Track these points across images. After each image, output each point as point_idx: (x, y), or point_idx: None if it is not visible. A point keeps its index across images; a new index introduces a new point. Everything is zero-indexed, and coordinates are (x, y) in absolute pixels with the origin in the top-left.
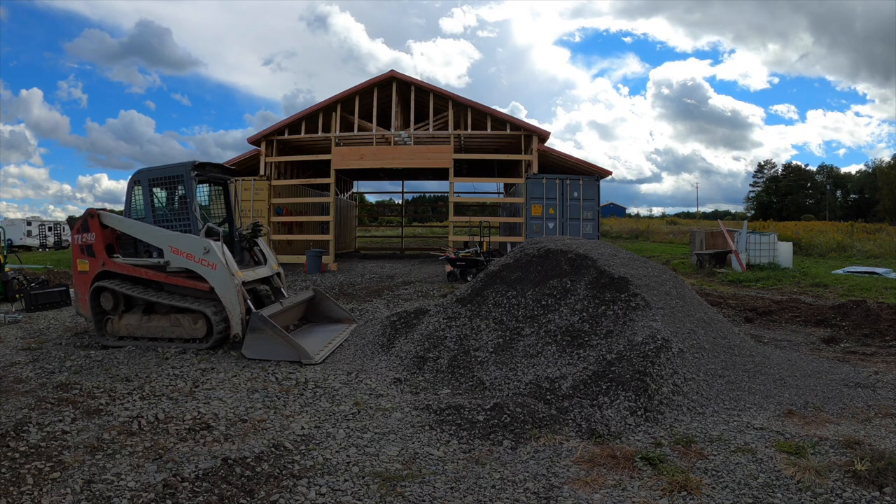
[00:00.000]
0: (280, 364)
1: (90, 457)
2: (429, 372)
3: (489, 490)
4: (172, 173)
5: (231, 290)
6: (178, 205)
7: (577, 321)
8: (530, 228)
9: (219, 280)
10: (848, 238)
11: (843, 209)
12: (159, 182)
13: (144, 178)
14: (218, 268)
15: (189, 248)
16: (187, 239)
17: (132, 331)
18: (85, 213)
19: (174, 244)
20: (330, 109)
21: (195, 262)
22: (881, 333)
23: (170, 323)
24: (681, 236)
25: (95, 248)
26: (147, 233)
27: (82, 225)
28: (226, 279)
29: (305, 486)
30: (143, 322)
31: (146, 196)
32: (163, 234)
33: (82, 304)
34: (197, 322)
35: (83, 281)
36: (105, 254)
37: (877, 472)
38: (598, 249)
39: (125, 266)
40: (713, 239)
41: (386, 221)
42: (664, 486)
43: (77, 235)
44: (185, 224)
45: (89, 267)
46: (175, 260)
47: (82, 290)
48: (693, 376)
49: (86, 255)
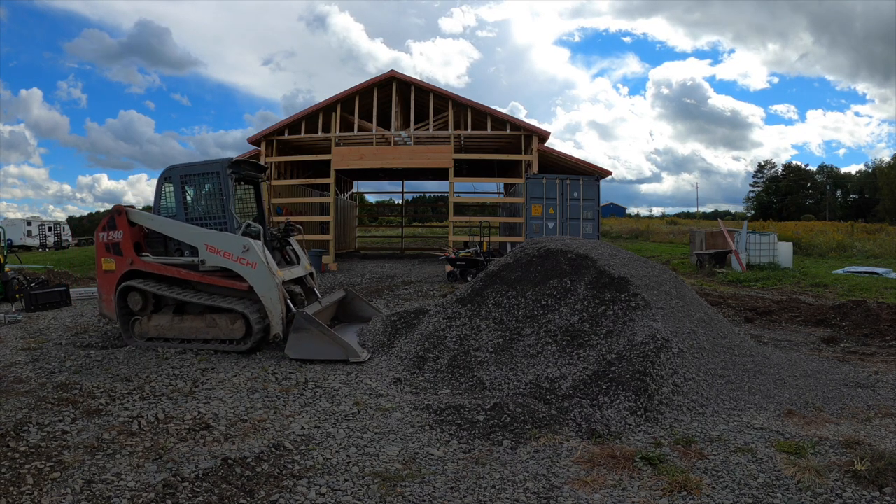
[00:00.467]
0: (280, 364)
1: (90, 457)
2: (429, 372)
3: (489, 490)
4: (207, 170)
5: (272, 290)
6: (211, 202)
7: (577, 321)
8: (530, 228)
9: (259, 279)
10: (848, 238)
11: (843, 209)
12: (192, 179)
13: (176, 175)
14: (258, 266)
15: (227, 247)
16: (225, 237)
17: (163, 332)
18: (112, 210)
19: (210, 242)
20: (330, 109)
21: (233, 261)
22: (881, 333)
23: (205, 324)
24: (681, 236)
25: (123, 246)
26: (180, 230)
27: (108, 222)
28: (266, 278)
29: (305, 486)
30: (174, 323)
31: (178, 193)
32: (198, 231)
33: (107, 304)
34: (235, 322)
35: (108, 281)
36: (133, 252)
37: (877, 472)
38: (598, 249)
39: (156, 265)
40: (713, 239)
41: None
42: (664, 486)
43: (102, 233)
44: (221, 222)
45: (115, 266)
46: (211, 258)
47: (107, 290)
48: (693, 376)
49: (112, 253)
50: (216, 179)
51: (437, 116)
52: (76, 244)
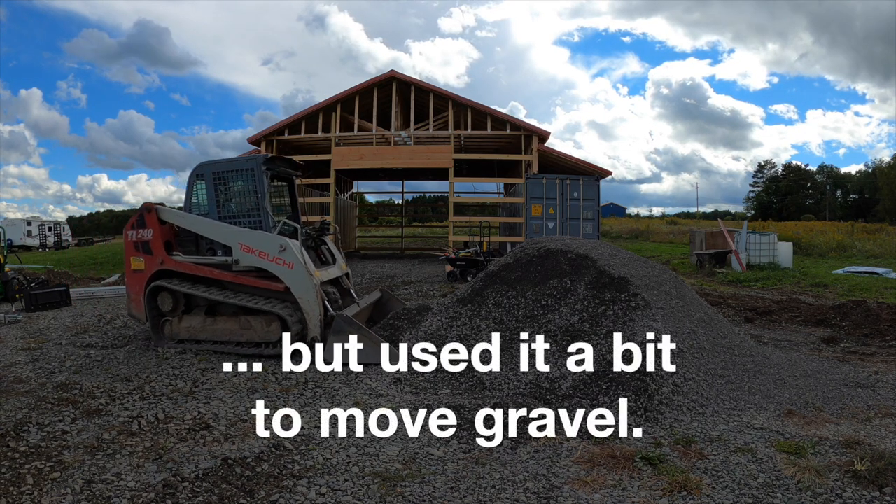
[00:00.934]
0: (280, 364)
1: (90, 457)
2: (429, 371)
3: (489, 490)
4: (240, 167)
5: (310, 291)
6: (245, 200)
7: (577, 321)
8: (530, 228)
9: (296, 280)
10: (848, 238)
11: (843, 209)
12: (225, 176)
13: (208, 172)
14: (295, 267)
15: (262, 246)
16: (261, 236)
17: (194, 333)
18: (141, 208)
19: (245, 241)
20: (330, 109)
21: (269, 261)
22: (881, 333)
23: (239, 325)
24: (681, 236)
25: (153, 245)
26: (213, 229)
27: (137, 220)
28: (304, 279)
29: (305, 486)
30: (207, 324)
31: (210, 190)
32: (231, 230)
33: (136, 304)
34: (270, 325)
35: (137, 280)
36: (164, 251)
37: (877, 472)
38: (598, 249)
39: (187, 264)
40: (713, 239)
41: (386, 221)
42: (664, 486)
43: (131, 231)
44: (255, 220)
45: (145, 265)
46: (245, 258)
47: (136, 289)
48: (693, 376)
49: (141, 252)
50: (251, 176)
51: (437, 116)
52: (76, 244)
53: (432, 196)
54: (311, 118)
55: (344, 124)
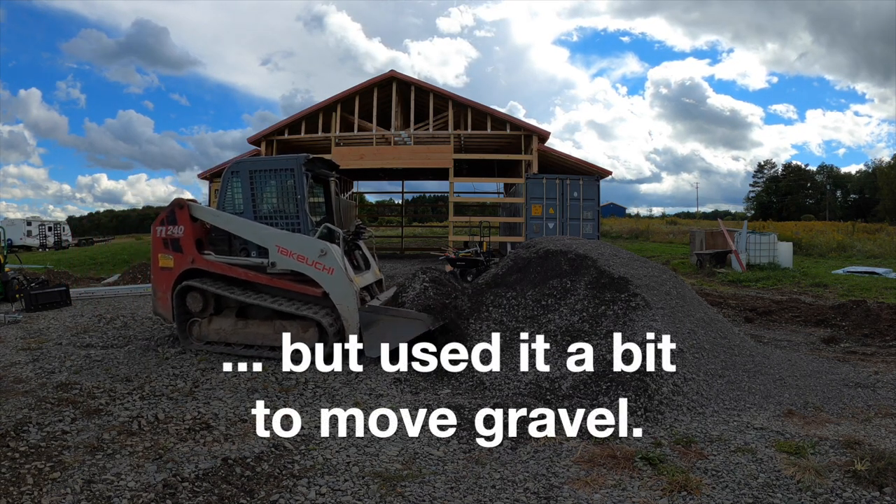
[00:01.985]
0: (280, 364)
1: (90, 457)
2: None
3: (489, 490)
4: (280, 166)
5: (350, 297)
6: (284, 201)
7: (577, 321)
8: (530, 228)
9: (335, 285)
10: (848, 238)
11: (843, 209)
12: (263, 175)
13: (245, 170)
14: (336, 272)
15: (302, 250)
16: (300, 239)
17: (225, 336)
18: (172, 204)
19: (283, 244)
20: (330, 109)
21: (308, 265)
22: (881, 333)
23: (273, 330)
24: (681, 236)
25: (183, 242)
26: (249, 230)
27: (168, 216)
28: (344, 285)
29: (305, 486)
30: (238, 327)
31: (246, 189)
32: (269, 231)
33: (162, 303)
34: (307, 330)
35: (165, 278)
36: (195, 249)
37: (877, 472)
38: (598, 249)
39: (220, 265)
40: (713, 239)
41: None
42: (664, 486)
43: (160, 227)
44: (293, 222)
45: (174, 263)
46: (283, 261)
47: (163, 287)
48: (693, 376)
49: (170, 249)
50: (290, 177)
51: (437, 116)
52: (76, 244)
53: (432, 196)
54: (311, 118)
55: (344, 124)
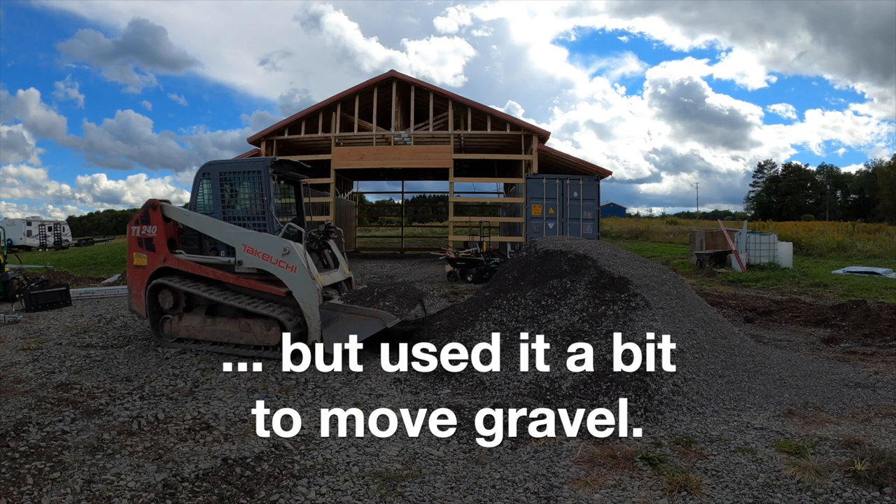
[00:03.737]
0: (280, 364)
1: (90, 457)
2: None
3: (489, 490)
4: (248, 168)
5: (312, 296)
6: (252, 202)
7: (577, 321)
8: (530, 228)
9: (298, 284)
10: (848, 238)
11: (843, 209)
12: (232, 176)
13: (215, 172)
14: (298, 271)
15: (266, 248)
16: (265, 238)
17: (194, 333)
18: (146, 204)
19: (249, 243)
20: (330, 109)
21: (272, 264)
22: (881, 333)
23: (238, 328)
24: (681, 236)
25: (156, 241)
26: (218, 229)
27: (142, 216)
28: (306, 283)
29: (305, 486)
30: (206, 324)
31: (216, 190)
32: (236, 231)
33: (137, 300)
34: (270, 329)
35: (139, 276)
36: (167, 249)
37: (877, 472)
38: (598, 249)
39: (189, 263)
40: (713, 239)
41: (386, 221)
42: (664, 486)
43: (135, 227)
44: (260, 222)
45: (147, 262)
46: (249, 260)
47: (137, 285)
48: (693, 376)
49: (144, 248)
50: (257, 178)
51: (437, 116)
52: (76, 244)
53: (432, 196)
54: (311, 118)
55: (344, 124)
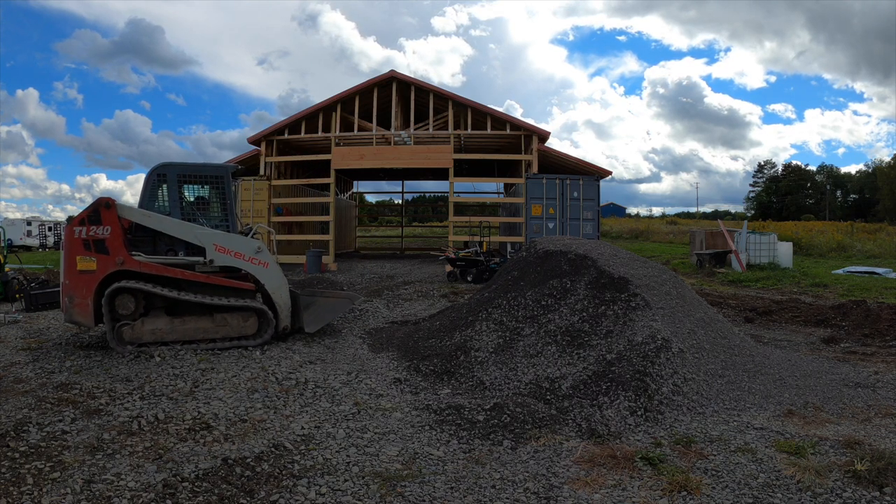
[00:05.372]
0: (280, 364)
1: (90, 457)
2: (429, 372)
3: (489, 490)
4: (209, 173)
5: (283, 287)
6: (212, 204)
7: (577, 321)
8: (530, 228)
9: (270, 277)
10: (848, 238)
11: (843, 209)
12: (191, 179)
13: (173, 174)
14: (270, 266)
15: (239, 248)
16: (237, 238)
17: (162, 336)
18: (95, 203)
19: (221, 243)
20: (330, 109)
21: (245, 261)
22: (881, 333)
23: (214, 323)
24: (681, 236)
25: (110, 243)
26: (185, 230)
27: (91, 216)
28: (278, 276)
29: (305, 486)
30: (175, 325)
31: (174, 192)
32: (205, 232)
33: (80, 309)
34: (247, 320)
35: (85, 282)
36: (125, 250)
37: (877, 472)
38: (598, 249)
39: (153, 265)
40: (713, 239)
41: (386, 221)
42: (664, 486)
43: (79, 228)
44: (221, 224)
45: (97, 266)
46: (220, 258)
47: (83, 293)
48: (693, 376)
49: (92, 251)
50: (220, 184)
51: (437, 116)
52: None
53: (432, 196)
54: (311, 118)
55: (344, 124)
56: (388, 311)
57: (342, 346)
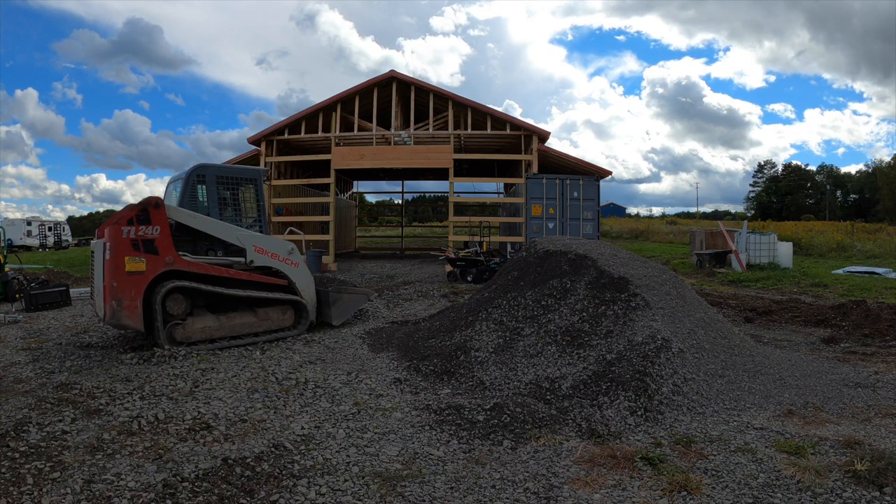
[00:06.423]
0: (280, 364)
1: (90, 457)
2: (429, 371)
3: (489, 490)
4: (243, 175)
5: (311, 284)
6: (248, 206)
7: (577, 321)
8: (530, 228)
9: (301, 276)
10: (848, 238)
11: (843, 209)
12: (226, 181)
13: (211, 175)
14: (300, 265)
15: (274, 248)
16: (273, 240)
17: (211, 333)
18: (144, 203)
19: (259, 244)
20: (330, 109)
21: (279, 261)
22: (881, 333)
23: (257, 318)
24: (681, 236)
25: (160, 243)
26: (227, 231)
27: (139, 215)
28: (307, 275)
29: (305, 486)
30: (223, 322)
31: (212, 194)
32: (246, 233)
33: (130, 312)
34: (286, 313)
35: (133, 284)
36: (174, 250)
37: (877, 472)
38: (598, 249)
39: (201, 265)
40: (713, 239)
41: (386, 221)
42: (664, 486)
43: (127, 228)
44: (254, 225)
45: (146, 266)
46: (259, 258)
47: (132, 294)
48: (693, 376)
49: (142, 251)
50: (254, 186)
51: (437, 116)
52: (76, 244)
53: (432, 196)
54: (311, 118)
55: (344, 124)
56: (388, 311)
57: (342, 346)
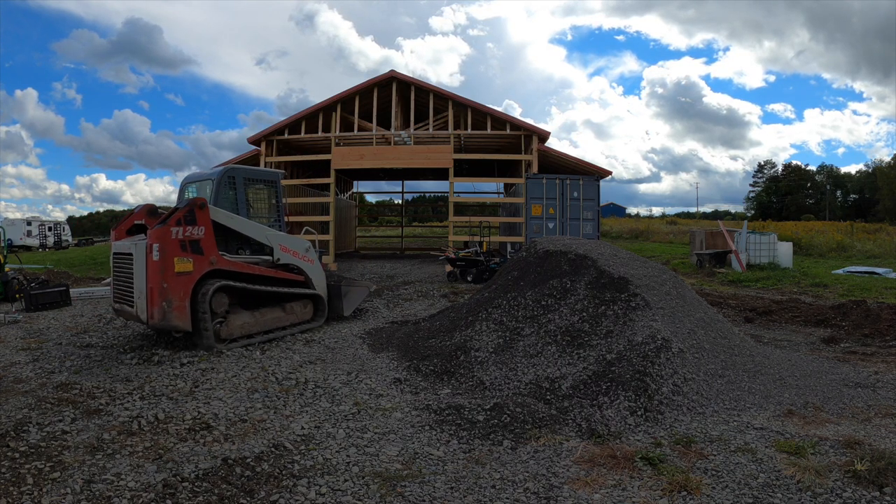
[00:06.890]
0: (280, 364)
1: (90, 457)
2: (429, 371)
3: (489, 490)
4: (266, 177)
5: (324, 280)
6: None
7: (577, 321)
8: (530, 228)
9: (315, 272)
10: (848, 238)
11: (843, 209)
12: (253, 182)
13: (240, 177)
14: (315, 263)
15: (295, 246)
16: (293, 238)
17: (248, 329)
18: (189, 204)
19: (283, 242)
20: (330, 109)
21: (299, 258)
22: (881, 333)
23: (284, 312)
24: (681, 236)
25: (205, 243)
26: (259, 231)
27: (186, 216)
28: (321, 270)
29: (305, 486)
30: (257, 318)
31: (241, 195)
32: (273, 233)
33: (179, 312)
34: (306, 306)
35: (182, 284)
36: (216, 250)
37: (877, 472)
38: (598, 249)
39: (240, 264)
40: (713, 239)
41: (386, 221)
42: (664, 486)
43: (176, 228)
44: (273, 224)
45: (193, 266)
46: (284, 257)
47: (181, 295)
48: (693, 376)
49: (188, 252)
50: (274, 187)
51: (437, 116)
52: (76, 244)
53: (432, 196)
54: (311, 118)
55: (344, 124)
56: (388, 311)
57: (342, 346)
